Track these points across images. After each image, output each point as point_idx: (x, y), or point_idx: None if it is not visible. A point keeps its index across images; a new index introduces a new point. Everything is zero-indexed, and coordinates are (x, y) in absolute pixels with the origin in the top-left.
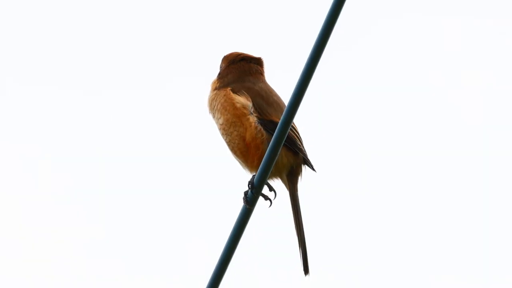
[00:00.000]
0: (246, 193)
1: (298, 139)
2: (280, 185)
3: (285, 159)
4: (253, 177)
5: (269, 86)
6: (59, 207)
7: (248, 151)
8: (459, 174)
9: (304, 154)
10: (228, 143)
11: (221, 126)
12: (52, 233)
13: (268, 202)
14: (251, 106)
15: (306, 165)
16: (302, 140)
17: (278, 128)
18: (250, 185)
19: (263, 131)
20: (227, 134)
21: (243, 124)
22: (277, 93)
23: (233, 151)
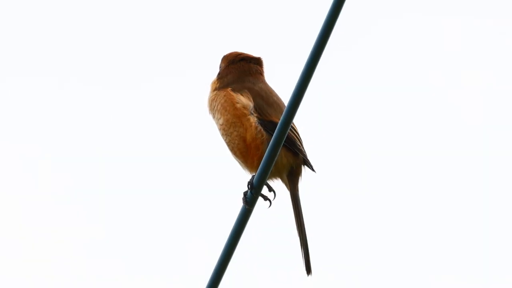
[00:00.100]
0: (246, 194)
1: (298, 140)
2: (280, 185)
3: (284, 159)
4: (252, 178)
5: (269, 86)
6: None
7: (248, 151)
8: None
9: (303, 155)
10: (228, 143)
11: (221, 127)
12: (52, 233)
13: (267, 202)
14: (251, 107)
15: (306, 165)
16: (302, 141)
17: (278, 129)
18: (249, 186)
19: (263, 131)
20: (227, 135)
21: (243, 125)
22: (277, 93)
23: (233, 152)
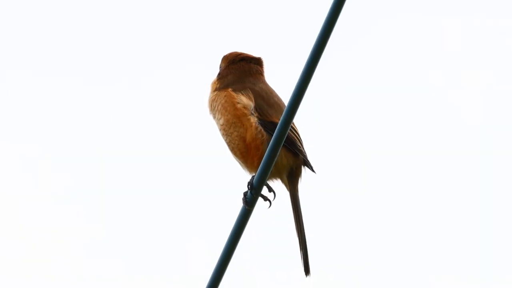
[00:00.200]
0: (246, 194)
1: (298, 140)
2: (280, 186)
3: (284, 160)
4: (252, 178)
5: (269, 86)
6: (59, 207)
7: (248, 151)
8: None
9: (304, 155)
10: (228, 143)
11: (221, 127)
12: (52, 233)
13: (267, 203)
14: (252, 107)
15: (306, 166)
16: (302, 141)
17: (278, 129)
18: (249, 186)
19: (263, 131)
20: (228, 135)
21: (244, 125)
22: (277, 93)
23: (233, 152)
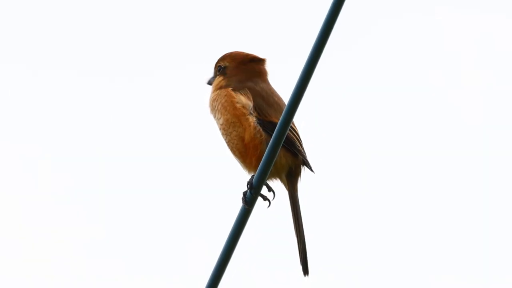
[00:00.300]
0: (245, 194)
1: (298, 140)
2: (279, 186)
3: (283, 160)
4: (252, 178)
5: (271, 86)
6: (59, 207)
7: (247, 151)
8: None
9: (303, 156)
10: (227, 143)
11: (221, 126)
12: (52, 233)
13: (266, 202)
14: (251, 106)
15: (305, 166)
16: (302, 141)
17: (277, 129)
18: (249, 186)
19: (262, 131)
20: (227, 134)
21: (242, 124)
22: (278, 94)
23: (232, 151)
